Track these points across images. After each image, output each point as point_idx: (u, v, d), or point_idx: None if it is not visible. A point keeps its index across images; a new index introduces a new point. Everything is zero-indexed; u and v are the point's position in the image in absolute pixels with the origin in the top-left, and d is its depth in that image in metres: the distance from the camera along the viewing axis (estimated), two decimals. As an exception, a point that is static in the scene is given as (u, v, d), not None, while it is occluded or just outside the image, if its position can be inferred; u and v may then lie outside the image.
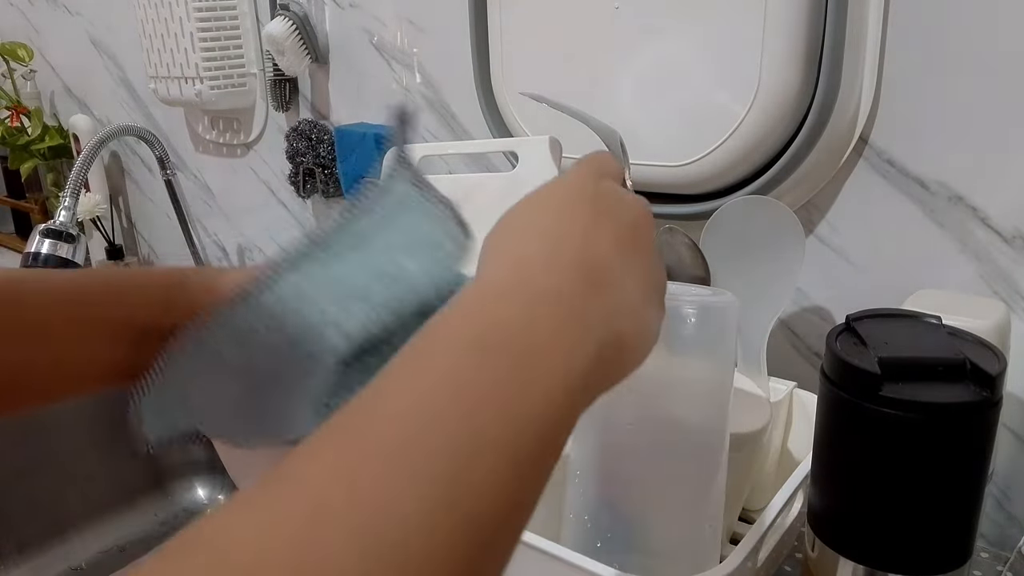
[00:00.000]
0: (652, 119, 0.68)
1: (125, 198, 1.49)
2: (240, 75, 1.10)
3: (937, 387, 0.43)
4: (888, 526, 0.45)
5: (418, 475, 0.21)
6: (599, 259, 0.29)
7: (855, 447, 0.45)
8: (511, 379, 0.24)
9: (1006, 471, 0.63)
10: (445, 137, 0.94)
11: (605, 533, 0.51)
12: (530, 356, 0.24)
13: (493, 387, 0.23)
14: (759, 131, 0.62)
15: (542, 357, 0.25)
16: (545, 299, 0.26)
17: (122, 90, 1.38)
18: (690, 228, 0.64)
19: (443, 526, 0.20)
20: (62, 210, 0.98)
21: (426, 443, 0.21)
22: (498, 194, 0.68)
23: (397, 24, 0.94)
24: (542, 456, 0.24)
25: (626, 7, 0.67)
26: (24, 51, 1.46)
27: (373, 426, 0.22)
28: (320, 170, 1.05)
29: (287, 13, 0.99)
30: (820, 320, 0.71)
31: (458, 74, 0.87)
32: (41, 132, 1.46)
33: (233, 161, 1.23)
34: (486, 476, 0.22)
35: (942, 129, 0.61)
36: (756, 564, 0.49)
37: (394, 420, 0.22)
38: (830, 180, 0.66)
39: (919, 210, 0.63)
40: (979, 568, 0.62)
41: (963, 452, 0.43)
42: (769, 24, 0.59)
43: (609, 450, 0.50)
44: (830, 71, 0.59)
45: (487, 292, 0.27)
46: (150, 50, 1.12)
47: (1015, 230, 0.59)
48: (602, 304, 0.28)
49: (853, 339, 0.47)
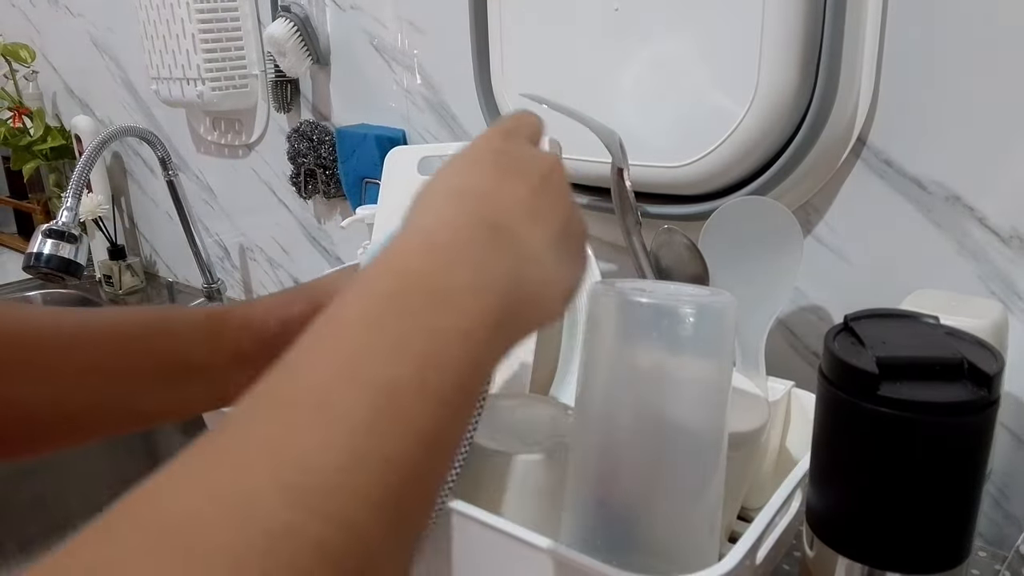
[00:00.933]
0: (651, 120, 0.68)
1: (127, 199, 1.49)
2: (241, 76, 1.10)
3: (935, 387, 0.43)
4: (886, 525, 0.45)
5: (339, 421, 0.22)
6: (500, 212, 0.30)
7: (853, 446, 0.45)
8: (422, 324, 0.25)
9: (1004, 470, 0.64)
10: (445, 137, 0.94)
11: (604, 532, 0.51)
12: (437, 302, 0.26)
13: (407, 331, 0.25)
14: (757, 132, 0.63)
15: (449, 301, 0.26)
16: (447, 251, 0.28)
17: (124, 91, 1.39)
18: (689, 228, 0.65)
19: (366, 468, 0.21)
20: (64, 210, 0.98)
21: (345, 391, 0.22)
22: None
23: (397, 25, 0.94)
24: (458, 398, 0.25)
25: (626, 8, 0.67)
26: (26, 52, 1.47)
27: (296, 381, 0.23)
28: (321, 171, 1.05)
29: (288, 14, 0.99)
30: (818, 320, 0.71)
31: (458, 74, 0.87)
32: (43, 133, 1.46)
33: (234, 162, 1.23)
34: (405, 417, 0.23)
35: (940, 130, 0.61)
36: (754, 563, 0.49)
37: (316, 369, 0.23)
38: (828, 180, 0.67)
39: (917, 210, 0.63)
40: (977, 567, 0.62)
41: (961, 451, 0.43)
42: (767, 25, 0.60)
43: (608, 450, 0.51)
44: (828, 72, 0.60)
45: (398, 248, 0.28)
46: (152, 51, 1.13)
47: (1012, 230, 0.60)
48: (503, 254, 0.29)
49: (851, 339, 0.47)
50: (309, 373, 0.23)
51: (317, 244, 1.16)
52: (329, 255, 1.15)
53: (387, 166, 0.76)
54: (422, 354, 0.24)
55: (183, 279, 1.44)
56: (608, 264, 0.79)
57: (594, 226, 0.76)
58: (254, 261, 1.28)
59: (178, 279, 1.45)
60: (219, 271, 1.27)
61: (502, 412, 0.54)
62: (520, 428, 0.52)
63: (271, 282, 1.26)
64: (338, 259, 1.14)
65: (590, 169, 0.71)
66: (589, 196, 0.76)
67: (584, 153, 0.69)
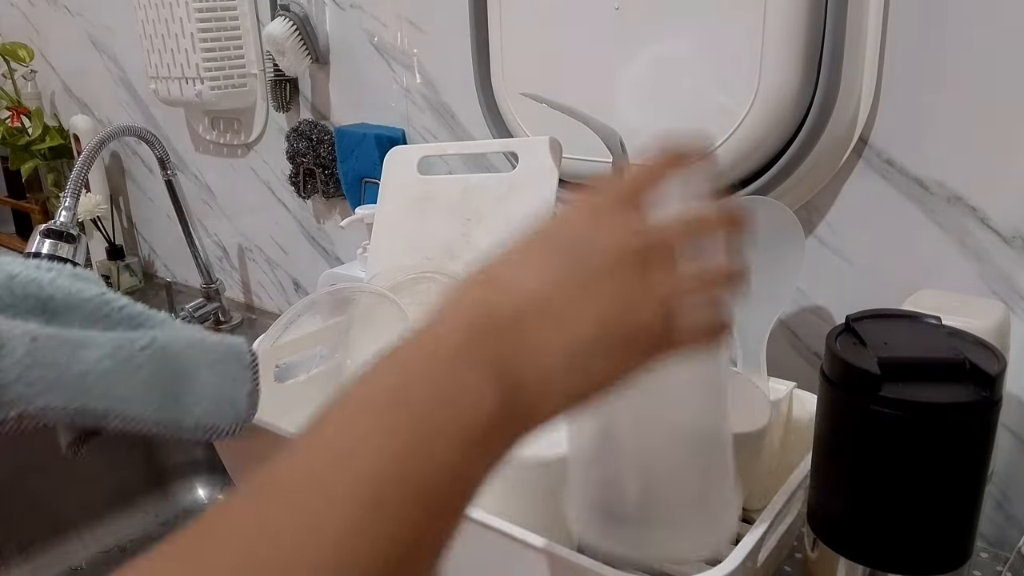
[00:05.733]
0: (652, 119, 0.68)
1: (125, 198, 1.49)
2: (240, 75, 1.10)
3: (937, 387, 0.43)
4: (888, 526, 0.45)
5: (328, 526, 0.23)
6: (512, 310, 0.29)
7: (855, 447, 0.45)
8: (415, 420, 0.26)
9: (1005, 471, 0.63)
10: (445, 137, 0.94)
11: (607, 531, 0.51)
12: (432, 402, 0.26)
13: (398, 425, 0.25)
14: (759, 131, 0.62)
15: (445, 402, 0.26)
16: (448, 351, 0.28)
17: (122, 90, 1.38)
18: (690, 228, 0.64)
19: (359, 565, 0.22)
20: (63, 210, 0.98)
21: (334, 481, 0.24)
22: (498, 195, 0.68)
23: (397, 24, 0.94)
24: (443, 491, 0.26)
25: (626, 7, 0.67)
26: (25, 51, 1.46)
27: (289, 484, 0.24)
28: (320, 170, 1.05)
29: (287, 13, 0.99)
30: (820, 320, 0.71)
31: (458, 74, 0.87)
32: (41, 132, 1.46)
33: (233, 161, 1.23)
34: (386, 515, 0.24)
35: (942, 129, 0.61)
36: (756, 564, 0.49)
37: (306, 466, 0.25)
38: (830, 180, 0.66)
39: (919, 210, 0.63)
40: (979, 568, 0.62)
41: (963, 452, 0.43)
42: (769, 24, 0.59)
43: (608, 451, 0.50)
44: (830, 72, 0.60)
45: (410, 341, 0.29)
46: (150, 50, 1.12)
47: (1014, 230, 0.60)
48: (501, 360, 0.28)
49: (853, 339, 0.47)
50: (306, 458, 0.25)
51: (316, 244, 1.16)
52: (328, 255, 1.15)
53: (387, 166, 0.76)
54: (408, 450, 0.25)
55: (181, 279, 1.43)
56: (608, 264, 0.79)
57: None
58: (253, 261, 1.28)
59: (176, 279, 1.44)
60: (218, 271, 1.26)
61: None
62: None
63: (270, 282, 1.26)
64: (337, 259, 1.14)
65: (591, 169, 0.71)
66: (589, 196, 0.76)
67: (585, 152, 0.69)
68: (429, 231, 0.71)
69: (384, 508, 0.23)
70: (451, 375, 0.27)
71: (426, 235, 0.71)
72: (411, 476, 0.24)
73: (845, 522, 0.47)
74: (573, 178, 0.75)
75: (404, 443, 0.25)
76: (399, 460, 0.24)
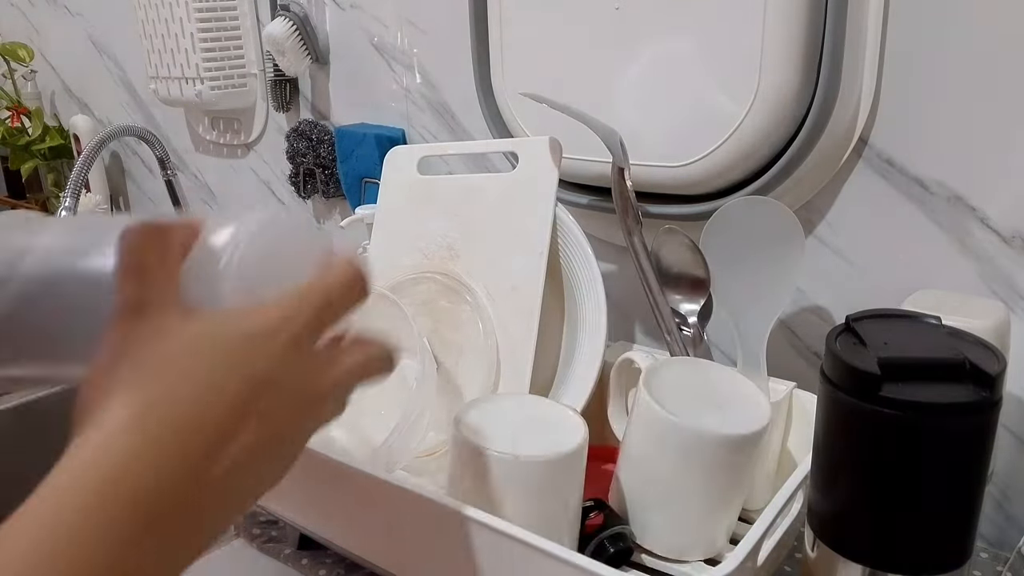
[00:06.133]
0: (652, 119, 0.68)
1: (125, 198, 1.49)
2: (240, 75, 1.10)
3: (937, 387, 0.43)
4: (887, 526, 0.45)
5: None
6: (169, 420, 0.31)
7: (855, 447, 0.45)
8: (73, 522, 0.29)
9: (1006, 471, 0.63)
10: (445, 137, 0.94)
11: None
12: (89, 504, 0.29)
13: (58, 526, 0.29)
14: (759, 131, 0.62)
15: (95, 505, 0.29)
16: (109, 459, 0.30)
17: (122, 90, 1.38)
18: (690, 228, 0.64)
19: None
20: (63, 210, 0.98)
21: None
22: (498, 195, 0.68)
23: (397, 25, 0.94)
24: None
25: (626, 7, 0.67)
26: (25, 51, 1.46)
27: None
28: (320, 170, 1.05)
29: (287, 13, 0.99)
30: (820, 320, 0.71)
31: (458, 74, 0.87)
32: (42, 132, 1.46)
33: (233, 161, 1.23)
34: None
35: (942, 129, 0.61)
36: (756, 564, 0.49)
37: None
38: (830, 180, 0.66)
39: (919, 210, 0.63)
40: (979, 568, 0.62)
41: (963, 452, 0.43)
42: (769, 24, 0.59)
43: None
44: (830, 72, 0.59)
45: (84, 440, 0.31)
46: (150, 50, 1.13)
47: (1014, 230, 0.60)
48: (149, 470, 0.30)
49: (853, 339, 0.47)
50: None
51: (316, 244, 1.16)
52: (328, 255, 1.15)
53: (386, 166, 0.76)
54: (60, 551, 0.28)
55: (182, 279, 1.43)
56: (608, 264, 0.79)
57: (595, 226, 0.76)
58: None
59: (177, 279, 1.44)
60: (218, 271, 1.26)
61: (502, 412, 0.53)
62: (520, 428, 0.51)
63: (270, 282, 1.26)
64: (337, 259, 1.14)
65: (591, 168, 0.71)
66: (590, 196, 0.76)
67: (585, 152, 0.69)
68: (429, 231, 0.71)
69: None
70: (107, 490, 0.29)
71: (426, 235, 0.71)
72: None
73: (845, 522, 0.47)
74: (573, 178, 0.75)
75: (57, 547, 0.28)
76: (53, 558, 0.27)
